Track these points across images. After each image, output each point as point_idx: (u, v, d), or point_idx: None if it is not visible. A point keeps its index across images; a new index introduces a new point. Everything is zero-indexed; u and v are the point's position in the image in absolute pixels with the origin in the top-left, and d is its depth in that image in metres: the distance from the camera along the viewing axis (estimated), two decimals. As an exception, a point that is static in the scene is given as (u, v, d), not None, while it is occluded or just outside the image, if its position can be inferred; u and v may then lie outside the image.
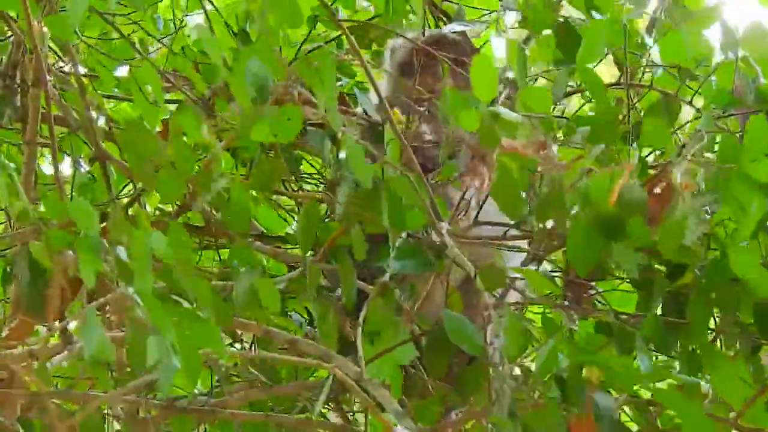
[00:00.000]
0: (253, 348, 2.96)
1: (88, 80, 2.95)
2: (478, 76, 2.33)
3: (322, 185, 3.03)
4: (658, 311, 2.43)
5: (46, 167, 2.88)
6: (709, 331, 2.46)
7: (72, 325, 2.56)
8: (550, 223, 2.41)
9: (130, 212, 2.87)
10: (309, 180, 3.07)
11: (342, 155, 2.46)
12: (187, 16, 3.11)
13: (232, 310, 2.43)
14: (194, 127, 2.31)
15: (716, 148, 2.41)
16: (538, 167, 2.32)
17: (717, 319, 2.47)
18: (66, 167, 3.17)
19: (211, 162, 2.44)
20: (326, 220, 2.70)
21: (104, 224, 2.48)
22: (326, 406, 3.08)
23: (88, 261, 2.07)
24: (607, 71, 3.13)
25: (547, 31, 2.80)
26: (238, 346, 3.06)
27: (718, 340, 2.49)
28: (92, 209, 2.10)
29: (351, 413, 3.08)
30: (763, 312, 2.38)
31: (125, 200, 2.89)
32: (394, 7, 3.07)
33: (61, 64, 3.04)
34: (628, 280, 2.56)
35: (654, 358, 2.54)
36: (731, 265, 2.30)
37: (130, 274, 2.09)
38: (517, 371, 2.39)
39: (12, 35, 2.82)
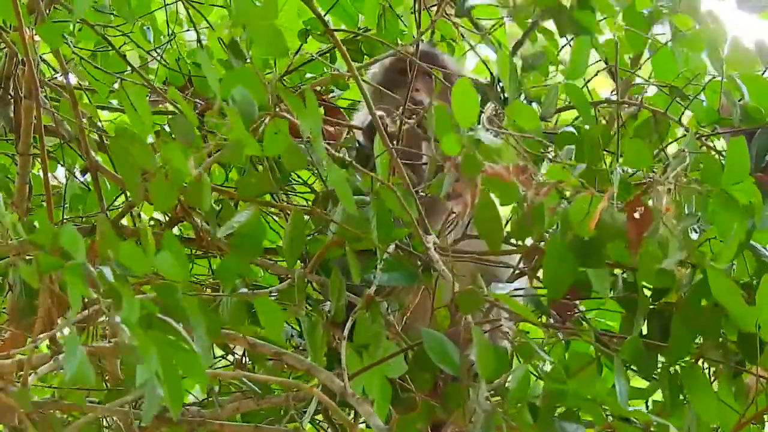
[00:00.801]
0: (244, 359, 2.97)
1: (82, 91, 2.97)
2: (459, 100, 2.26)
3: (311, 194, 3.03)
4: (644, 330, 2.42)
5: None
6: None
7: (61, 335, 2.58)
8: (529, 241, 2.40)
9: (124, 222, 2.89)
10: (298, 191, 3.07)
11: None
12: (184, 32, 3.11)
13: (220, 323, 2.44)
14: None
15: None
16: (520, 191, 2.27)
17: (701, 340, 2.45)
18: (61, 177, 3.19)
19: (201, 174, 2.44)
20: (315, 234, 2.69)
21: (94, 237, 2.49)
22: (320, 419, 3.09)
23: (76, 287, 2.05)
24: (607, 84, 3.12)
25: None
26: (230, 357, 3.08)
27: (701, 361, 2.47)
28: (80, 236, 2.08)
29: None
30: (747, 335, 2.36)
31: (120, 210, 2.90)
32: (387, 25, 3.08)
33: (56, 75, 3.05)
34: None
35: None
36: (711, 289, 2.27)
37: (119, 298, 2.08)
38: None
39: (5, 47, 2.84)
